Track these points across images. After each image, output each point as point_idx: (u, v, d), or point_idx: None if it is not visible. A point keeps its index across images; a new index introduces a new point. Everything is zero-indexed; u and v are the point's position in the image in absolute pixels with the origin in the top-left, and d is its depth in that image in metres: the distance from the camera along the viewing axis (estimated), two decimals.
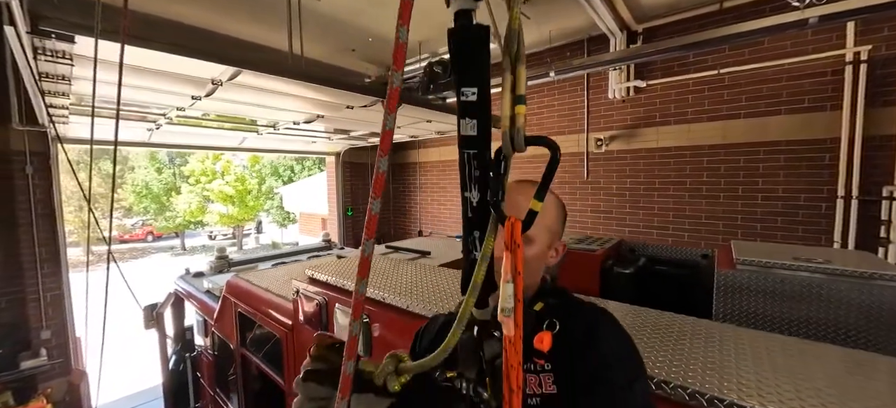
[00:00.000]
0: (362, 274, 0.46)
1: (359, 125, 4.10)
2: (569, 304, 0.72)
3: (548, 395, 0.61)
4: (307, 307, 1.63)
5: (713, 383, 0.73)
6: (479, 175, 0.57)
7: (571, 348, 0.62)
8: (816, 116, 3.27)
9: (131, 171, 18.22)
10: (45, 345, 3.86)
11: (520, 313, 0.49)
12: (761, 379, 0.74)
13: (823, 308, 1.50)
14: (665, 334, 0.97)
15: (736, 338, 0.93)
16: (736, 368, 0.78)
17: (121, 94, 1.68)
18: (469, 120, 0.53)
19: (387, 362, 0.52)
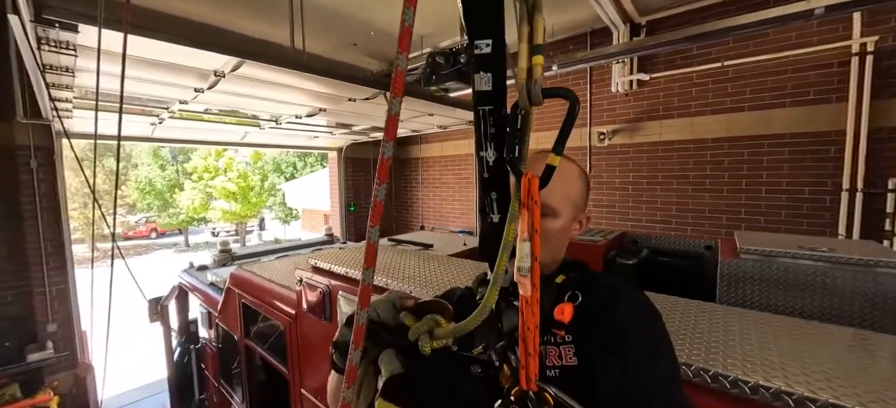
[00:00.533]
0: (369, 263, 0.46)
1: (361, 119, 4.10)
2: (590, 277, 0.70)
3: (568, 366, 0.60)
4: (310, 296, 1.64)
5: (717, 361, 0.73)
6: (494, 132, 0.54)
7: (593, 320, 0.61)
8: (821, 109, 3.24)
9: (135, 168, 18.31)
10: (51, 338, 3.90)
11: (536, 272, 0.48)
12: (766, 357, 0.74)
13: (827, 296, 1.49)
14: (669, 313, 0.97)
15: (740, 319, 0.93)
16: (740, 346, 0.78)
17: (124, 86, 1.68)
18: (483, 74, 0.51)
19: (424, 321, 0.50)
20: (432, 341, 0.49)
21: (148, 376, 5.22)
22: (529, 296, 0.48)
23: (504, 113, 0.53)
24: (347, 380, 0.50)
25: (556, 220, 0.68)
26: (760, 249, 1.64)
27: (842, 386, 0.65)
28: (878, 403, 0.61)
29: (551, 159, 0.50)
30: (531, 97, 0.46)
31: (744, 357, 0.74)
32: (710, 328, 0.88)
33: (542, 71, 0.46)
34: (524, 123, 0.51)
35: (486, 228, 0.59)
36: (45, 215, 3.81)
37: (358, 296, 0.44)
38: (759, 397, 0.67)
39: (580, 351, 0.60)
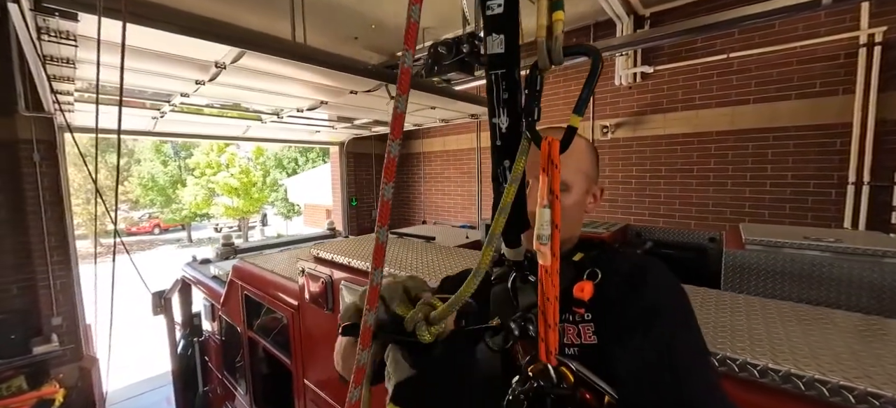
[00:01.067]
0: (378, 263, 0.44)
1: (362, 113, 4.08)
2: (610, 254, 0.67)
3: (587, 345, 0.58)
4: (313, 287, 1.64)
5: (725, 344, 0.72)
6: (507, 97, 0.52)
7: (614, 297, 0.58)
8: (828, 101, 3.20)
9: (137, 163, 18.37)
10: (56, 331, 3.93)
11: (557, 240, 0.47)
12: (774, 340, 0.73)
13: (833, 287, 1.48)
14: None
15: (747, 304, 0.92)
16: (748, 329, 0.77)
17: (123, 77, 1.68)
18: (495, 35, 0.49)
19: (418, 308, 0.47)
20: (430, 329, 0.46)
21: (152, 370, 5.27)
22: (549, 266, 0.46)
23: (517, 77, 0.51)
24: (356, 379, 0.47)
25: (569, 194, 0.65)
26: (766, 240, 1.63)
27: (852, 368, 0.64)
28: (890, 384, 0.60)
29: (572, 120, 0.47)
30: (552, 57, 0.44)
31: (751, 340, 0.73)
32: (717, 313, 0.87)
33: (563, 28, 0.43)
34: (540, 82, 0.49)
35: (499, 199, 0.57)
36: (48, 210, 3.82)
37: (366, 298, 0.42)
38: (769, 380, 0.66)
39: (600, 330, 0.58)
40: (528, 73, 0.49)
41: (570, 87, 4.59)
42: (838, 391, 0.62)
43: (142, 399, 4.68)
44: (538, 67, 0.48)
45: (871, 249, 1.46)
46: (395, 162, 0.44)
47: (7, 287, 3.72)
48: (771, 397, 0.67)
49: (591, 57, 0.47)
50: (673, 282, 0.60)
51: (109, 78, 2.34)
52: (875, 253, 1.46)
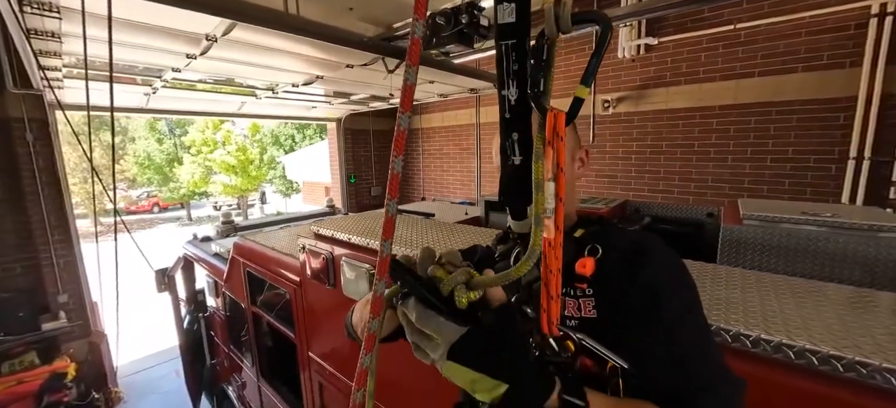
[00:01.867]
0: (387, 235, 0.45)
1: (359, 88, 3.99)
2: (611, 230, 0.67)
3: (587, 318, 0.59)
4: (314, 263, 1.66)
5: (719, 316, 0.74)
6: (517, 69, 0.51)
7: (615, 273, 0.58)
8: (834, 74, 3.14)
9: (132, 141, 18.13)
10: (63, 308, 4.00)
11: (561, 212, 0.47)
12: (767, 312, 0.75)
13: (828, 262, 1.49)
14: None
15: (742, 277, 0.93)
16: (743, 302, 0.79)
17: (112, 50, 1.62)
18: (506, 4, 0.48)
19: (459, 272, 0.46)
20: (469, 293, 0.45)
21: (160, 344, 5.41)
22: (553, 239, 0.47)
23: (528, 48, 0.49)
24: (367, 346, 0.48)
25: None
26: (763, 215, 1.63)
27: (842, 338, 0.66)
28: (878, 353, 0.62)
29: (579, 91, 0.46)
30: (560, 24, 0.43)
31: (746, 312, 0.75)
32: (713, 287, 0.88)
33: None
34: (549, 54, 0.47)
35: (507, 171, 0.56)
36: (46, 189, 3.80)
37: (376, 268, 0.43)
38: (761, 351, 0.68)
39: (600, 304, 0.58)
40: (535, 42, 0.48)
41: (571, 59, 4.48)
42: (827, 360, 0.64)
43: (151, 372, 4.84)
44: (545, 36, 0.46)
45: (868, 224, 1.47)
46: (405, 135, 0.43)
47: (10, 266, 3.76)
48: (763, 367, 0.69)
49: (601, 25, 0.46)
50: (673, 258, 0.61)
51: (97, 52, 2.27)
52: (871, 227, 1.47)
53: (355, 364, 0.49)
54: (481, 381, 0.42)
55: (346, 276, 1.50)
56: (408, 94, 0.43)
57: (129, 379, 4.64)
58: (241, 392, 2.83)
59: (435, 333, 0.44)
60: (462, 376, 0.43)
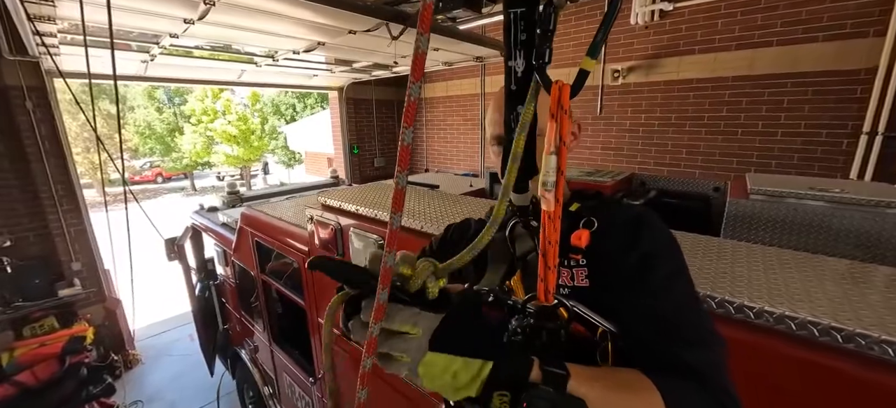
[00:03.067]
0: (397, 207, 0.44)
1: (362, 55, 3.88)
2: (606, 203, 0.69)
3: (579, 287, 0.60)
4: (322, 233, 1.68)
5: (724, 288, 0.76)
6: (525, 39, 0.50)
7: (610, 246, 0.60)
8: (856, 44, 3.01)
9: (131, 110, 17.92)
10: (77, 276, 4.12)
11: (561, 185, 0.48)
12: (772, 285, 0.76)
13: (833, 237, 1.50)
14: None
15: (748, 251, 0.94)
16: (747, 276, 0.81)
17: (111, 11, 1.57)
18: None
19: (424, 265, 0.46)
20: (438, 282, 0.45)
21: (174, 310, 5.60)
22: (552, 211, 0.47)
23: (537, 17, 0.48)
24: (368, 349, 0.45)
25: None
26: (770, 190, 1.62)
27: (844, 311, 0.68)
28: (878, 326, 0.63)
29: (585, 63, 0.45)
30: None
31: (750, 284, 0.77)
32: (719, 259, 0.90)
33: None
34: (555, 23, 0.46)
35: (510, 145, 0.56)
36: (51, 159, 3.81)
37: (386, 240, 0.42)
38: (763, 322, 0.70)
39: (593, 275, 0.60)
40: (542, 10, 0.46)
41: (582, 27, 4.31)
42: (828, 332, 0.66)
43: (166, 336, 5.04)
44: (553, 4, 0.45)
45: (875, 199, 1.46)
46: (415, 105, 0.42)
47: (23, 235, 3.84)
48: (766, 338, 0.72)
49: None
50: (666, 232, 0.62)
51: (93, 17, 2.20)
52: (879, 203, 1.46)
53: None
54: (465, 367, 0.41)
55: (354, 246, 1.52)
56: (419, 63, 0.41)
57: (146, 342, 4.85)
58: (255, 356, 2.96)
59: (412, 328, 0.42)
60: (443, 368, 0.41)
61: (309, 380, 2.18)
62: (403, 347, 0.42)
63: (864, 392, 0.64)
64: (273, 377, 2.72)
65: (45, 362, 3.36)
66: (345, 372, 1.80)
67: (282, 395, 2.69)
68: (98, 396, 3.50)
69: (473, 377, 0.41)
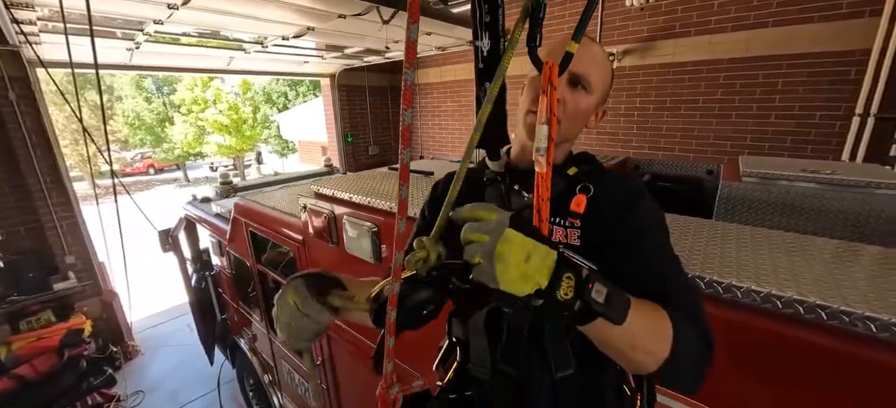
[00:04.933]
0: (404, 180, 0.50)
1: (353, 40, 3.80)
2: (600, 171, 0.73)
3: (571, 244, 0.66)
4: (316, 222, 1.68)
5: (714, 269, 0.77)
6: (489, 20, 0.56)
7: (605, 213, 0.65)
8: (852, 24, 3.00)
9: (119, 101, 17.53)
10: (71, 269, 4.10)
11: (552, 152, 0.53)
12: (759, 265, 0.77)
13: (823, 218, 1.52)
14: (671, 228, 0.99)
15: (738, 232, 0.95)
16: (736, 257, 0.82)
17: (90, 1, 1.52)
18: None
19: (428, 242, 0.52)
20: (437, 247, 0.53)
21: (171, 301, 5.61)
22: (544, 173, 0.54)
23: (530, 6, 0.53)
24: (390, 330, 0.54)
25: (589, 95, 0.68)
26: (762, 172, 1.64)
27: (829, 289, 0.69)
28: (863, 303, 0.65)
29: (570, 46, 0.52)
30: None
31: (739, 266, 0.78)
32: (709, 241, 0.91)
33: None
34: (543, 8, 0.52)
35: (481, 117, 0.61)
36: (37, 151, 3.73)
37: (397, 207, 0.49)
38: (751, 301, 0.71)
39: (585, 235, 0.65)
40: (533, 2, 0.51)
41: (577, 8, 4.24)
42: (813, 309, 0.67)
43: (164, 327, 5.06)
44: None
45: (865, 180, 1.48)
46: (411, 89, 0.46)
47: (14, 229, 3.79)
48: (753, 317, 0.73)
49: None
50: (657, 207, 0.69)
51: (72, 3, 2.13)
52: (868, 184, 1.47)
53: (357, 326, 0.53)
54: (537, 250, 0.45)
55: (348, 234, 1.52)
56: (411, 50, 0.45)
57: (144, 333, 4.86)
58: (253, 345, 2.98)
59: (492, 212, 0.48)
60: (520, 247, 0.44)
61: None
62: (486, 227, 0.46)
63: (847, 365, 0.66)
64: (272, 365, 2.75)
65: (43, 355, 3.37)
66: (346, 364, 1.82)
67: (282, 382, 2.72)
68: (99, 387, 3.52)
69: (543, 260, 0.45)
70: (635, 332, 0.49)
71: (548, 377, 0.63)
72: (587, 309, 0.46)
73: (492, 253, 0.44)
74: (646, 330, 0.50)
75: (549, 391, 0.64)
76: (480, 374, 0.68)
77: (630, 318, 0.48)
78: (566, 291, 0.45)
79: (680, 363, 0.52)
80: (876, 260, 0.82)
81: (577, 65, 0.63)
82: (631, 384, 0.70)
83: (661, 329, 0.51)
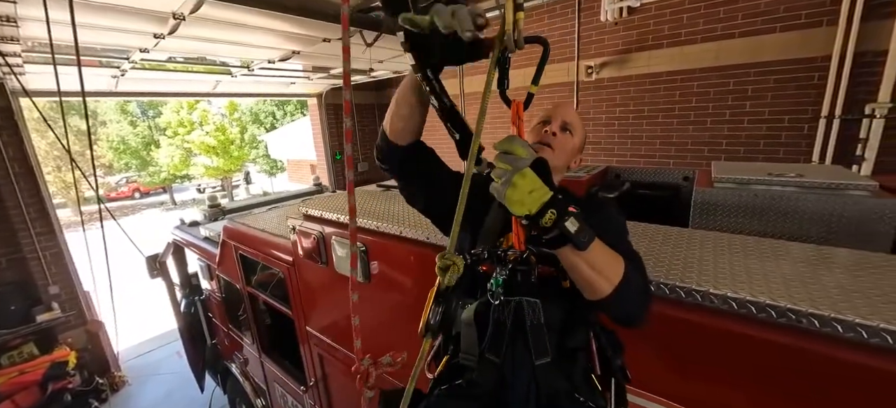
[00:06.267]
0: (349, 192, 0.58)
1: (338, 62, 3.88)
2: (575, 197, 0.88)
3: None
4: (306, 243, 1.70)
5: (691, 278, 0.82)
6: (439, 89, 0.69)
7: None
8: (812, 33, 3.18)
9: (103, 125, 17.29)
10: (55, 299, 3.99)
11: None
12: (735, 272, 0.83)
13: (792, 220, 1.59)
14: (652, 239, 1.05)
15: (715, 240, 1.01)
16: (713, 264, 0.87)
17: (77, 32, 1.55)
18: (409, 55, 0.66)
19: (456, 259, 0.64)
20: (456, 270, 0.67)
21: (160, 328, 5.47)
22: None
23: (436, 75, 0.69)
24: None
25: (573, 138, 0.92)
26: (732, 177, 1.72)
27: (798, 293, 0.75)
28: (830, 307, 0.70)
29: (531, 88, 0.69)
30: (517, 44, 0.59)
31: (716, 274, 0.83)
32: (688, 250, 0.96)
33: (523, 24, 0.60)
34: (508, 62, 0.64)
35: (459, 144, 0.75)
36: (20, 181, 3.68)
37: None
38: (727, 308, 0.77)
39: None
40: (500, 55, 0.62)
41: (555, 25, 4.41)
42: (785, 313, 0.72)
43: (152, 355, 4.93)
44: (507, 51, 0.61)
45: (828, 183, 1.57)
46: (350, 104, 0.59)
47: None
48: (730, 322, 0.79)
49: (543, 45, 0.68)
50: (618, 212, 0.87)
51: (59, 36, 2.15)
52: (830, 186, 1.56)
53: (352, 336, 0.58)
54: (541, 188, 0.61)
55: (337, 254, 1.55)
56: (346, 78, 0.60)
57: (132, 363, 4.73)
58: (245, 368, 2.94)
59: (524, 150, 0.62)
60: (529, 182, 0.60)
61: (300, 388, 2.19)
62: (513, 161, 0.61)
63: (813, 364, 0.71)
64: (264, 389, 2.72)
65: (26, 390, 3.26)
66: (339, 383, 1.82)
67: (274, 406, 2.69)
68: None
69: (540, 196, 0.61)
70: (596, 259, 0.64)
71: (528, 364, 0.72)
72: (560, 235, 0.60)
73: (510, 180, 0.60)
74: (604, 261, 0.65)
75: (528, 376, 0.73)
76: (469, 362, 0.76)
77: (593, 249, 0.63)
78: (547, 220, 0.60)
79: (627, 293, 0.66)
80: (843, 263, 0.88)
81: (567, 116, 0.92)
82: (598, 373, 0.80)
83: (616, 264, 0.67)
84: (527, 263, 0.74)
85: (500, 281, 0.73)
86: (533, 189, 0.60)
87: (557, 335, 0.75)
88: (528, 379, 0.73)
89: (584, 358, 0.78)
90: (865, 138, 3.07)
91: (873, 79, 3.01)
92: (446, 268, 0.64)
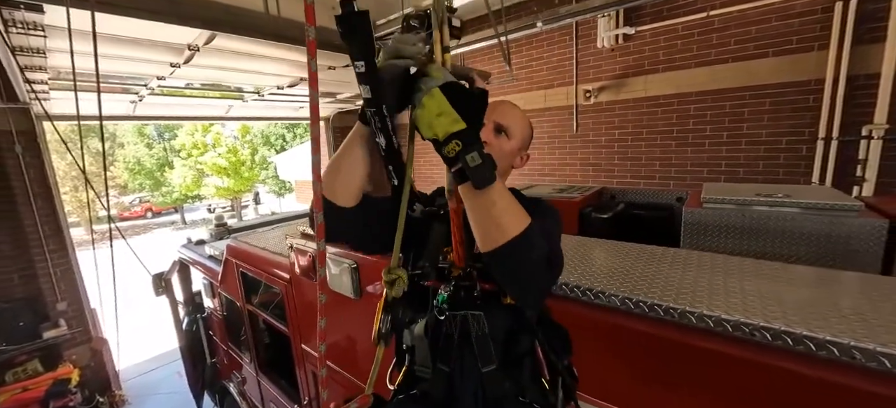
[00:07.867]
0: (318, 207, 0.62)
1: (345, 87, 4.05)
2: (521, 196, 0.87)
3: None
4: (302, 261, 1.76)
5: (686, 299, 0.85)
6: (381, 126, 0.69)
7: None
8: (804, 58, 3.25)
9: (121, 147, 17.95)
10: (62, 316, 4.08)
11: (456, 194, 0.71)
12: (730, 293, 0.86)
13: (779, 240, 1.60)
14: (648, 260, 1.08)
15: (712, 261, 1.03)
16: (708, 285, 0.90)
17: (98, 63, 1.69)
18: (363, 86, 0.63)
19: (399, 272, 0.69)
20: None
21: (162, 347, 5.50)
22: (456, 208, 0.73)
23: (387, 112, 0.67)
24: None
25: (509, 140, 0.88)
26: (721, 198, 1.74)
27: (772, 310, 0.77)
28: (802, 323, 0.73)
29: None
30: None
31: (710, 294, 0.86)
32: (684, 270, 0.99)
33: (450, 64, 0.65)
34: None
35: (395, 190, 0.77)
36: (38, 200, 3.85)
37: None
38: (722, 331, 0.79)
39: None
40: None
41: (553, 51, 4.56)
42: (780, 336, 0.74)
43: (153, 374, 4.94)
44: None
45: (814, 203, 1.58)
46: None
47: (8, 277, 3.82)
48: (722, 344, 0.81)
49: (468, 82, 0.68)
50: (555, 210, 0.86)
51: (83, 65, 2.32)
52: (816, 206, 1.58)
53: (346, 357, 0.62)
54: (448, 115, 0.58)
55: (331, 271, 1.60)
56: (314, 112, 0.62)
57: (132, 382, 4.74)
58: (242, 388, 2.94)
59: (438, 72, 0.61)
60: (437, 105, 0.58)
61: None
62: (426, 81, 0.60)
63: (787, 383, 0.72)
64: None
65: (28, 407, 3.29)
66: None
67: None
68: None
69: (448, 123, 0.59)
70: (495, 202, 0.62)
71: (475, 372, 0.77)
72: (459, 169, 0.59)
73: (420, 101, 0.60)
74: (504, 208, 0.63)
75: (475, 383, 0.78)
76: (423, 373, 0.80)
77: (493, 191, 0.61)
78: (451, 150, 0.59)
79: (522, 254, 0.63)
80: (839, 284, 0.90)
81: (501, 117, 0.86)
82: (546, 376, 0.83)
83: (518, 218, 0.64)
84: (469, 279, 0.76)
85: (445, 297, 0.76)
86: (441, 113, 0.58)
87: (502, 345, 0.78)
88: (475, 386, 0.77)
89: (530, 363, 0.81)
90: (864, 159, 3.06)
91: (868, 101, 3.04)
92: (393, 282, 0.69)
